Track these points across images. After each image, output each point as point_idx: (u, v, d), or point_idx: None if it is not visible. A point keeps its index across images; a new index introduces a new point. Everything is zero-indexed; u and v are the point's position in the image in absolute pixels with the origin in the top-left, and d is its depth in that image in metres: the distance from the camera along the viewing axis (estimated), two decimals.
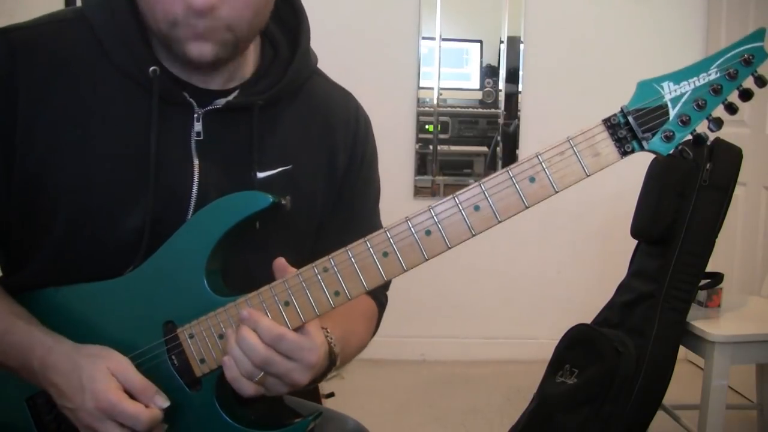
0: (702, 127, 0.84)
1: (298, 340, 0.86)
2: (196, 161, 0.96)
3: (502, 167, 0.86)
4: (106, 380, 0.88)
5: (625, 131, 0.83)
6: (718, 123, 0.83)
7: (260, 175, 0.98)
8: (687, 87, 0.82)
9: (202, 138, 0.96)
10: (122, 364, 0.90)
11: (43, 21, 0.97)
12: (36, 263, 0.97)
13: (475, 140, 3.42)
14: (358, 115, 1.11)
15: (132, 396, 0.89)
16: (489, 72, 3.39)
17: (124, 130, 0.94)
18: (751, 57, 0.82)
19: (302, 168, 1.02)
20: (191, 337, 0.92)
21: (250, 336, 0.86)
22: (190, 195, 0.96)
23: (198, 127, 0.96)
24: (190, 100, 0.96)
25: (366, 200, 1.13)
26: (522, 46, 3.38)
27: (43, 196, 0.93)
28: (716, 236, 2.22)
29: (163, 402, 0.90)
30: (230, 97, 0.98)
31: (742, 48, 0.82)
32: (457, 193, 0.85)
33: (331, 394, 2.29)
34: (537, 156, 0.84)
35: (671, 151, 0.84)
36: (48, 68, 0.93)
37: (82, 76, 0.94)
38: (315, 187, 1.04)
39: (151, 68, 0.93)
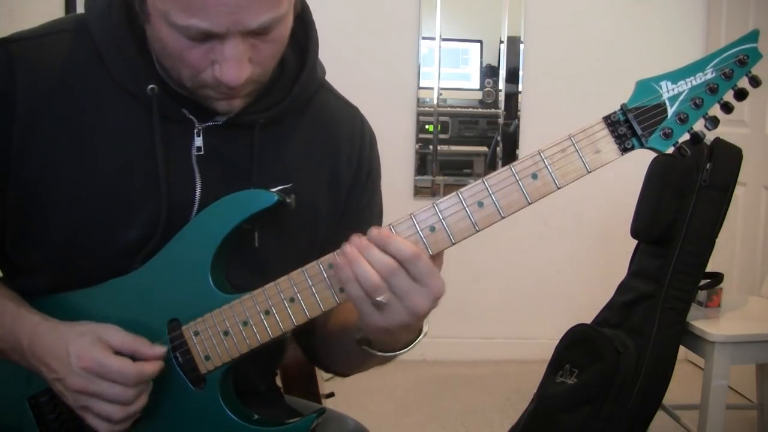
0: (699, 126, 0.85)
1: (429, 263, 0.81)
2: (197, 176, 0.96)
3: (502, 167, 0.86)
4: (90, 341, 0.88)
5: (625, 128, 0.84)
6: (714, 122, 0.85)
7: None
8: (684, 86, 0.84)
9: (202, 153, 0.96)
10: (108, 327, 0.90)
11: (44, 31, 0.97)
12: (33, 273, 0.97)
13: (475, 140, 3.43)
14: (363, 130, 1.10)
15: (127, 354, 0.89)
16: (489, 72, 3.40)
17: (124, 143, 0.94)
18: (745, 57, 0.83)
19: (303, 186, 1.01)
20: (196, 334, 0.92)
21: (375, 250, 0.81)
22: (192, 209, 0.96)
23: (198, 142, 0.96)
24: (190, 116, 0.95)
25: (370, 215, 1.11)
26: (522, 46, 3.39)
27: (40, 208, 0.93)
28: (716, 236, 2.22)
29: (161, 348, 0.90)
30: (232, 114, 0.96)
31: (737, 49, 0.84)
32: (461, 189, 0.85)
33: (331, 394, 2.28)
34: (539, 153, 0.85)
35: (670, 149, 0.85)
36: (47, 81, 0.92)
37: (82, 88, 0.93)
38: (316, 205, 1.03)
39: (149, 87, 0.92)
